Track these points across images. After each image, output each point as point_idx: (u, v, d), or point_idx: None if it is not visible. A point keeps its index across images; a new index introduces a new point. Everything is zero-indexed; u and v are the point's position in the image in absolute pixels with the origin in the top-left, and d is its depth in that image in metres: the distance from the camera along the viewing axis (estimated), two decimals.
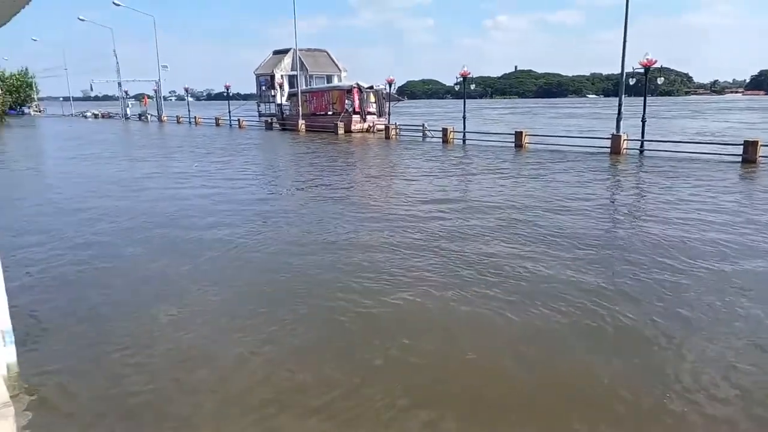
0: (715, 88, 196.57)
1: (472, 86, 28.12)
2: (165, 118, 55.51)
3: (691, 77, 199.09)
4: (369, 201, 12.15)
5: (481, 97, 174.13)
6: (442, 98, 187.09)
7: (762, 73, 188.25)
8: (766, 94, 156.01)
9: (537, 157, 20.01)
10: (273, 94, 50.03)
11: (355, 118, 33.81)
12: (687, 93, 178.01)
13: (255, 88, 58.72)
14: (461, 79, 27.08)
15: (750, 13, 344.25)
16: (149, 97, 64.36)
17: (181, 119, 52.33)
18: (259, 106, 56.59)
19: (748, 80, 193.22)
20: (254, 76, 57.02)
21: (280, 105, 43.61)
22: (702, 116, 49.60)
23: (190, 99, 63.24)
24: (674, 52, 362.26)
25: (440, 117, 50.51)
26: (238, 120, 43.60)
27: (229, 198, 12.61)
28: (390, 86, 32.43)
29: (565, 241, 8.31)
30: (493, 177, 15.23)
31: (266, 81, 54.15)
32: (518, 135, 23.49)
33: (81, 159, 21.92)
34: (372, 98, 34.95)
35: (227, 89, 48.64)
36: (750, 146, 17.01)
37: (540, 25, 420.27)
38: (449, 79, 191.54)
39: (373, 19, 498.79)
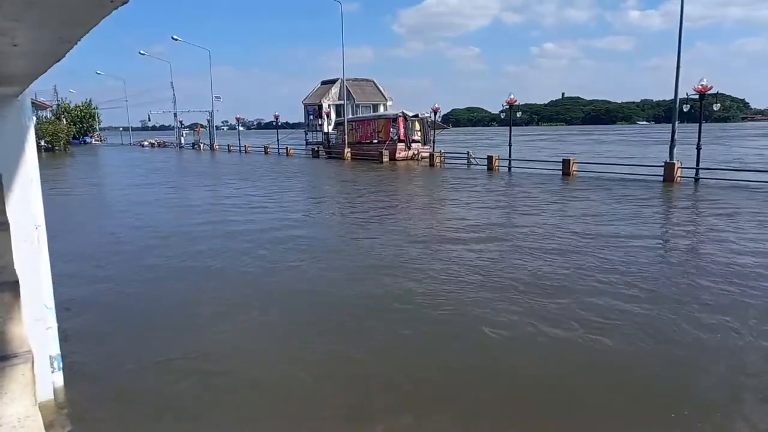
0: None
1: (518, 114, 27.89)
2: (217, 146, 57.37)
3: (747, 103, 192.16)
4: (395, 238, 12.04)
5: (527, 125, 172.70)
6: (487, 126, 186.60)
7: None
8: None
9: (587, 187, 19.47)
10: (320, 123, 51.06)
11: (400, 146, 33.96)
12: (744, 119, 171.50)
13: (303, 118, 60.19)
14: (507, 106, 26.90)
15: None
16: (203, 126, 66.85)
17: (231, 148, 53.98)
18: (306, 134, 57.85)
19: None
20: (302, 106, 58.50)
21: (326, 133, 44.42)
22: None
23: (241, 128, 65.43)
24: (730, 78, 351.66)
25: (485, 144, 50.30)
26: (286, 148, 44.63)
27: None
28: (435, 114, 32.56)
29: None
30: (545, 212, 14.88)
31: (314, 110, 55.43)
32: (566, 163, 23.00)
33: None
34: (417, 126, 35.09)
35: (276, 119, 50.09)
36: None
37: (588, 52, 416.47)
38: (494, 107, 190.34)
39: (420, 48, 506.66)
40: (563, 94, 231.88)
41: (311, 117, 56.71)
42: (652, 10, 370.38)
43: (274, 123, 51.53)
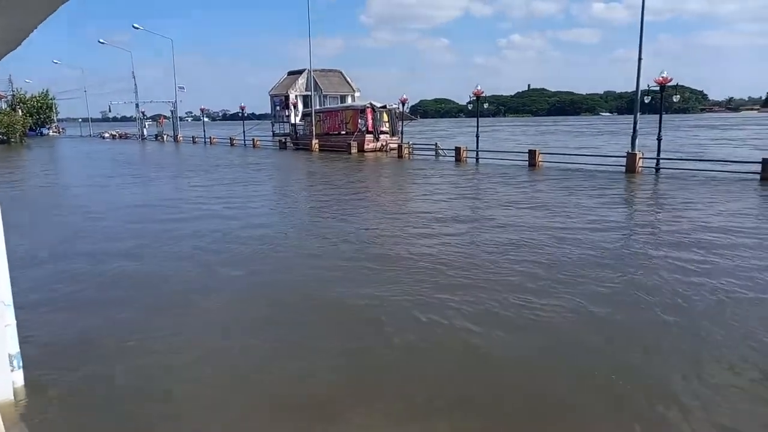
0: (731, 106, 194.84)
1: (485, 105, 28.05)
2: (181, 138, 56.23)
3: (706, 95, 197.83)
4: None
5: (494, 116, 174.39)
6: (455, 117, 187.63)
7: None
8: None
9: (554, 180, 19.81)
10: (287, 114, 50.53)
11: (369, 137, 33.86)
12: (702, 110, 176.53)
13: (269, 109, 59.40)
14: (474, 98, 27.07)
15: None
16: (166, 117, 65.36)
17: (196, 139, 52.99)
18: (273, 125, 57.13)
19: (764, 97, 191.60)
20: (269, 97, 57.71)
21: (294, 125, 43.98)
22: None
23: (206, 119, 64.22)
24: (690, 70, 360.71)
25: (453, 135, 50.65)
26: (252, 140, 44.02)
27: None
28: (403, 105, 32.55)
29: None
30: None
31: (280, 101, 54.76)
32: (532, 153, 23.35)
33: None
34: (385, 117, 35.03)
35: (242, 110, 49.36)
36: None
37: (554, 44, 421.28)
38: (462, 98, 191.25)
39: (389, 39, 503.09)
40: (529, 85, 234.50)
41: (278, 108, 56.02)
42: (616, 3, 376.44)
43: (240, 114, 50.76)
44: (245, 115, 49.42)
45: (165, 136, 59.66)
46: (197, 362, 5.09)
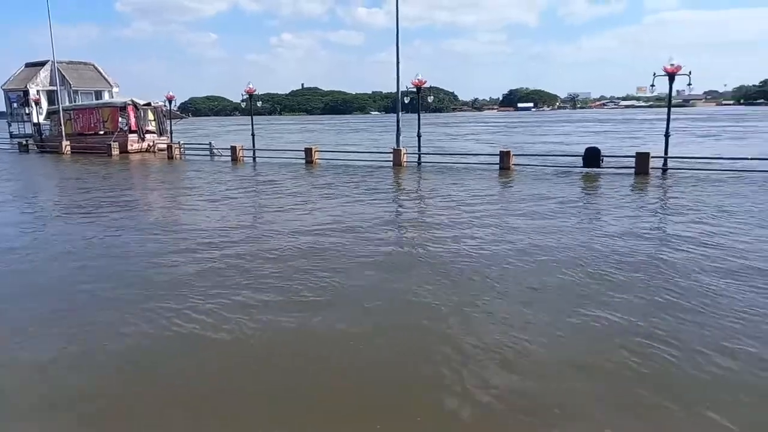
0: (476, 105, 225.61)
1: (259, 103, 27.65)
2: None
3: (456, 96, 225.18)
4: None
5: (270, 114, 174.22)
6: (230, 115, 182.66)
7: (511, 93, 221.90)
8: (514, 110, 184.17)
9: (328, 174, 20.39)
10: (28, 111, 43.48)
11: (132, 137, 30.89)
12: (454, 110, 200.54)
13: (4, 106, 50.39)
14: (247, 96, 26.46)
15: (502, 40, 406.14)
16: None
17: None
18: (10, 125, 48.70)
19: (501, 98, 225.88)
20: (2, 92, 48.94)
21: (37, 124, 37.89)
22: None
23: None
24: (442, 73, 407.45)
25: (228, 133, 49.06)
26: None
27: None
28: (170, 103, 30.36)
29: None
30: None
31: (18, 97, 46.92)
32: (308, 151, 23.75)
33: None
34: (151, 116, 32.37)
35: None
36: (505, 156, 19.62)
37: (323, 44, 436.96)
38: (236, 96, 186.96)
39: (149, 30, 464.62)
40: (303, 84, 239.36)
41: (15, 105, 47.96)
42: (377, 9, 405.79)
43: None
44: None
45: None
46: None
